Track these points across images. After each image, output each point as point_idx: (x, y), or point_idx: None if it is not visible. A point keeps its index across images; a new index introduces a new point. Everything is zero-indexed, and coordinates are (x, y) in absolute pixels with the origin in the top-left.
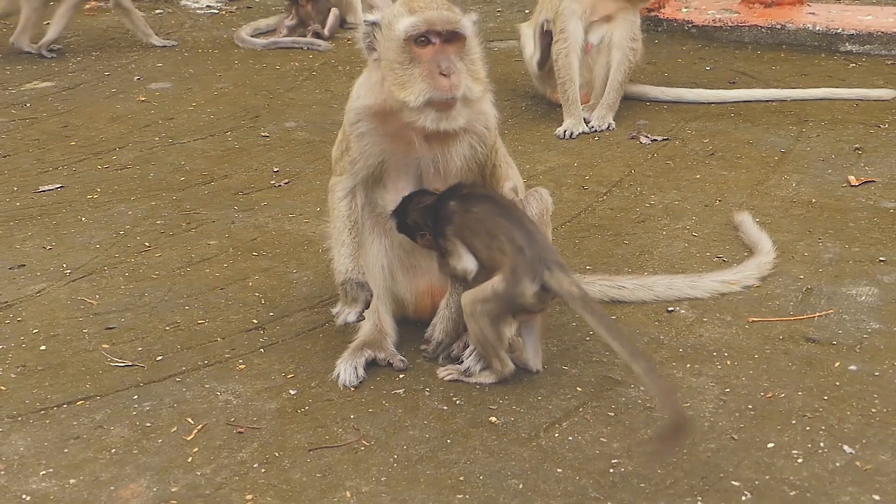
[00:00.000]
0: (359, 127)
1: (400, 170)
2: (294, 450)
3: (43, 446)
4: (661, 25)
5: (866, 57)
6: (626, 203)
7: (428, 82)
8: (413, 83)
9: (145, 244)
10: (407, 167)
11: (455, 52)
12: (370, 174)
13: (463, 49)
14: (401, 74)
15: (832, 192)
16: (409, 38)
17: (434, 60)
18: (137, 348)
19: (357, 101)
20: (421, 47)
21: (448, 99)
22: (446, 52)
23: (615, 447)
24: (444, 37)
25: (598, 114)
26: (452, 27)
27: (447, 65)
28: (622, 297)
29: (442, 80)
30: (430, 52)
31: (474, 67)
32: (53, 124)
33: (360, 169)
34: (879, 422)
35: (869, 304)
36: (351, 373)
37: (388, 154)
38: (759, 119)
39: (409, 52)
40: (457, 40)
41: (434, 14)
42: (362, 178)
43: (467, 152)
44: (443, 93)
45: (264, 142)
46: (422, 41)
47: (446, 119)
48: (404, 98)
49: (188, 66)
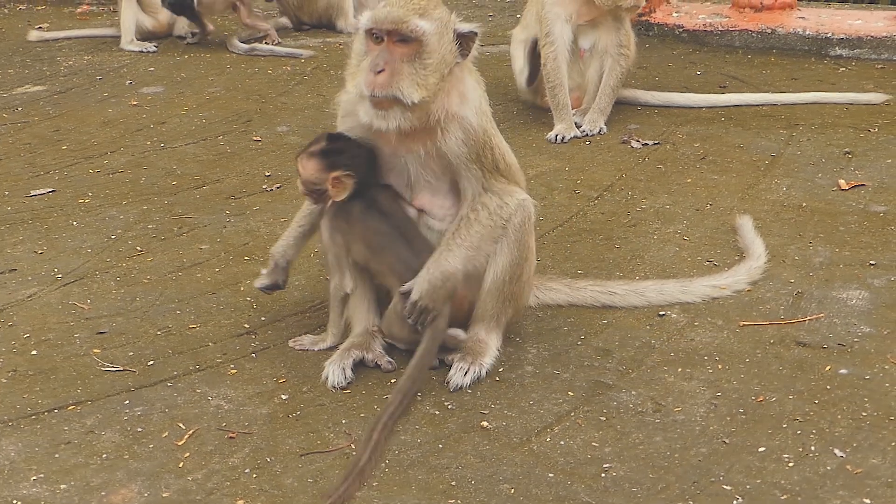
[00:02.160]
0: (347, 121)
1: (389, 166)
2: (286, 455)
3: (34, 451)
4: (651, 30)
5: (856, 61)
6: (617, 207)
7: (364, 76)
8: (358, 74)
9: (137, 248)
10: (394, 164)
11: (404, 54)
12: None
13: (416, 52)
14: (354, 65)
15: (822, 196)
16: (366, 31)
17: (376, 57)
18: (129, 353)
19: (346, 94)
20: (375, 43)
21: (374, 96)
22: (393, 51)
23: (607, 451)
24: (393, 35)
25: (590, 118)
26: (395, 27)
27: (381, 62)
28: (613, 302)
29: (370, 76)
30: (377, 49)
31: (423, 73)
32: (45, 128)
33: None
34: (870, 425)
35: (859, 308)
36: (339, 374)
37: (382, 150)
38: (750, 123)
39: (367, 46)
40: (410, 42)
41: (385, 11)
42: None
43: (450, 155)
44: (368, 88)
45: (256, 146)
46: (375, 37)
47: (381, 117)
48: (348, 86)
49: (180, 70)
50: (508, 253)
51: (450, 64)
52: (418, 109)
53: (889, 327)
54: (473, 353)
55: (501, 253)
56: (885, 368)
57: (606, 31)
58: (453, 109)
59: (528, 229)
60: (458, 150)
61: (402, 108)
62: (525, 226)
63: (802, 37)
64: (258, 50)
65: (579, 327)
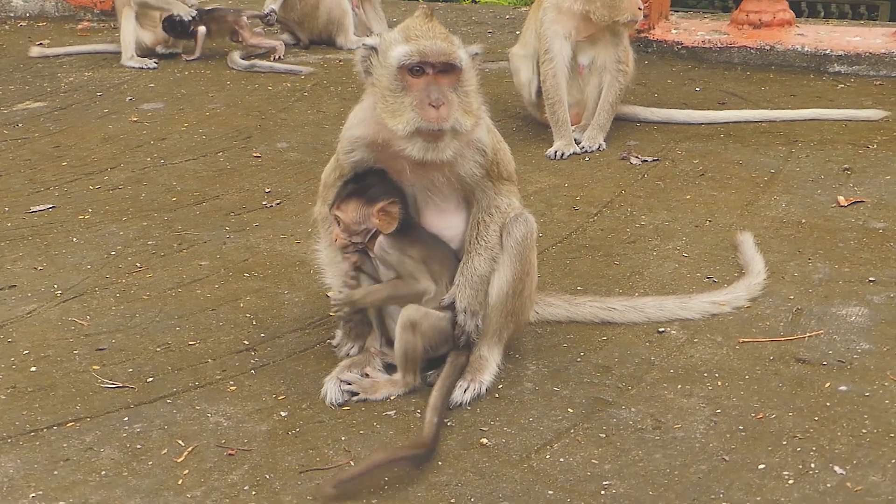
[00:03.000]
0: (354, 156)
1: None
2: (285, 472)
3: (33, 468)
4: (651, 46)
5: (855, 77)
6: (616, 224)
7: (417, 112)
8: (403, 112)
9: (136, 265)
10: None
11: (449, 84)
12: None
13: (457, 81)
14: (392, 102)
15: (822, 213)
16: (402, 66)
17: (425, 90)
18: (128, 370)
19: (351, 130)
20: (414, 76)
21: (435, 130)
22: (439, 83)
23: (606, 468)
24: (437, 68)
25: (589, 134)
26: (446, 59)
27: (437, 96)
28: (613, 318)
29: (430, 111)
30: (423, 82)
31: (467, 100)
32: (45, 144)
33: None
34: (870, 442)
35: (859, 325)
36: (337, 391)
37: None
38: (749, 140)
39: (402, 81)
40: (451, 72)
41: (429, 44)
42: None
43: (466, 177)
44: (430, 124)
45: (256, 162)
46: (416, 71)
47: (434, 150)
48: (393, 126)
49: (180, 86)
50: (511, 268)
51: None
52: (465, 136)
53: (889, 344)
54: (473, 370)
55: (504, 268)
56: (884, 385)
57: (605, 48)
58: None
59: (530, 244)
60: (474, 171)
61: (452, 138)
62: (527, 241)
63: (801, 53)
64: (258, 66)
65: (579, 344)
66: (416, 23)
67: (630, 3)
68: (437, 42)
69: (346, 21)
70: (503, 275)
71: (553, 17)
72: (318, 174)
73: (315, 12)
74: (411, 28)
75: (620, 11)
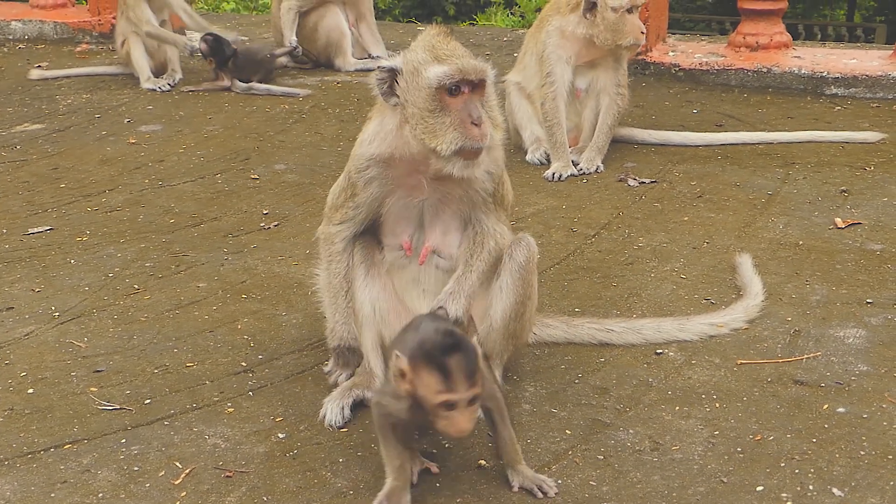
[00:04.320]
0: (368, 173)
1: (402, 212)
2: (282, 494)
3: (30, 490)
4: (648, 69)
5: (851, 100)
6: (614, 245)
7: (460, 131)
8: (444, 132)
9: (134, 287)
10: (409, 209)
11: (480, 100)
12: (370, 219)
13: (484, 96)
14: (431, 123)
15: (819, 235)
16: (441, 86)
17: (465, 109)
18: (125, 391)
19: (367, 147)
20: (452, 96)
21: (478, 148)
22: (474, 100)
23: (604, 490)
24: (472, 85)
25: (587, 156)
26: (483, 76)
27: (478, 114)
28: (611, 339)
29: (474, 129)
30: (461, 101)
31: (493, 114)
32: (43, 166)
33: (362, 215)
34: (868, 464)
35: (857, 346)
36: (337, 413)
37: (394, 197)
38: (746, 162)
39: (440, 101)
40: (481, 88)
41: (467, 63)
42: (363, 224)
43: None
44: (475, 142)
45: (254, 184)
46: (454, 90)
47: (472, 166)
48: (435, 146)
49: (178, 108)
50: (514, 291)
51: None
52: (492, 150)
53: (886, 366)
54: None
55: (507, 291)
56: (882, 407)
57: (605, 71)
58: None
59: (531, 268)
60: (486, 184)
61: (486, 153)
62: (529, 264)
63: (798, 76)
64: (255, 89)
65: (577, 366)
66: (439, 42)
67: (632, 27)
68: (471, 61)
69: (344, 43)
70: (506, 298)
71: (556, 42)
72: (317, 196)
73: (314, 35)
74: (437, 47)
75: (623, 35)
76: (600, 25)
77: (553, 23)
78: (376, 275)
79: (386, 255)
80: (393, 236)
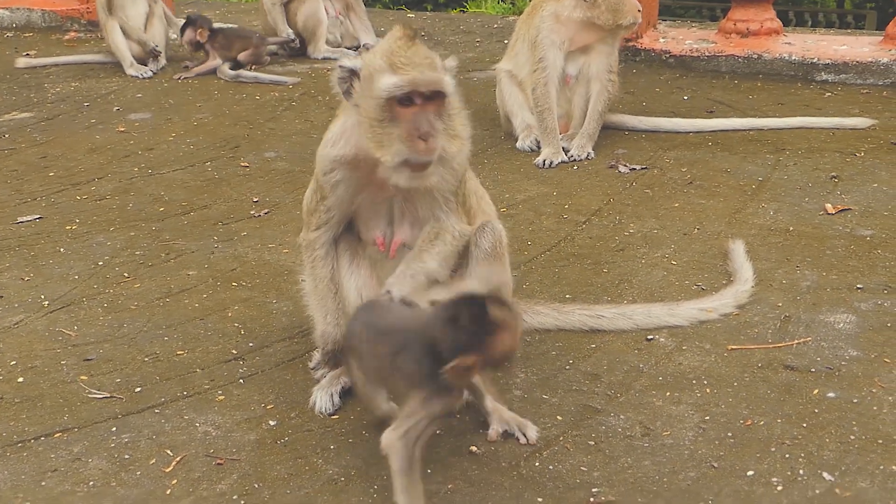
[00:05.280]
0: (333, 176)
1: (372, 209)
2: (274, 481)
3: (20, 479)
4: (639, 55)
5: (842, 86)
6: (605, 232)
7: (406, 144)
8: (391, 143)
9: (124, 275)
10: (378, 206)
11: (435, 111)
12: (345, 219)
13: (443, 107)
14: (379, 132)
15: (809, 220)
16: (391, 98)
17: (414, 122)
18: (116, 380)
19: (331, 149)
20: (402, 107)
21: (424, 162)
22: (427, 112)
23: (595, 476)
24: (426, 97)
25: (578, 143)
26: (436, 87)
27: (426, 129)
28: (601, 325)
29: (420, 143)
30: (411, 113)
31: (452, 124)
32: (32, 155)
33: (336, 217)
34: (858, 449)
35: (847, 332)
36: (327, 400)
37: (363, 197)
38: (737, 148)
39: (390, 111)
40: (438, 98)
41: (419, 75)
42: (340, 226)
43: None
44: (419, 156)
45: (244, 172)
46: (404, 101)
47: (419, 178)
48: (380, 156)
49: (168, 96)
50: (483, 278)
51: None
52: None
53: (876, 351)
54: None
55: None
56: (872, 392)
57: (597, 57)
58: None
59: (499, 253)
60: (446, 187)
61: (438, 164)
62: (496, 250)
63: (789, 62)
64: (243, 77)
65: (568, 352)
66: (399, 47)
67: (631, 5)
68: (426, 72)
69: (318, 31)
70: (476, 286)
71: (550, 26)
72: (306, 183)
73: (293, 20)
74: (395, 54)
75: (623, 15)
76: (602, 6)
77: (548, 8)
78: (360, 264)
79: (367, 249)
80: (367, 231)
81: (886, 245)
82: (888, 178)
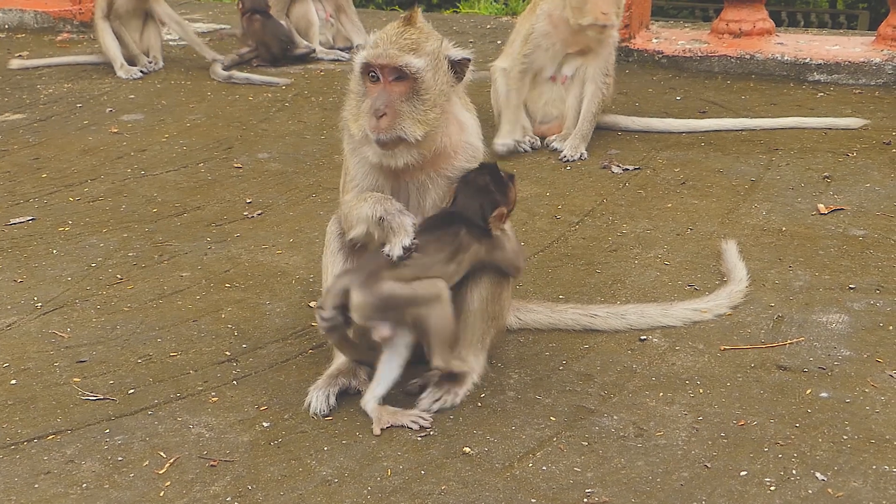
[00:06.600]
0: (357, 153)
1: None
2: (267, 482)
3: (13, 482)
4: (631, 56)
5: (834, 86)
6: (598, 232)
7: (366, 119)
8: (358, 117)
9: (117, 276)
10: (397, 192)
11: (402, 93)
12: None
13: (412, 89)
14: (353, 106)
15: (802, 220)
16: (361, 72)
17: (373, 98)
18: (109, 382)
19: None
20: (373, 83)
21: (379, 139)
22: (391, 91)
23: (589, 476)
24: (388, 74)
25: (571, 144)
26: (393, 64)
27: (380, 105)
28: (595, 325)
29: (372, 119)
30: (376, 89)
31: (422, 108)
32: (25, 156)
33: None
34: (851, 448)
35: (839, 332)
36: (322, 401)
37: (381, 178)
38: (730, 148)
39: (364, 85)
40: (404, 79)
41: (380, 51)
42: None
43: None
44: (372, 133)
45: (237, 173)
46: (372, 76)
47: (388, 156)
48: (352, 130)
49: (161, 97)
50: (489, 273)
51: (447, 94)
52: (423, 144)
53: (869, 351)
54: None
55: (483, 273)
56: (865, 392)
57: (594, 59)
58: (456, 136)
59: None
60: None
61: (407, 146)
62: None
63: (781, 62)
64: (235, 78)
65: (561, 352)
66: (390, 28)
67: (593, 6)
68: (389, 49)
69: (311, 32)
70: (482, 280)
71: (543, 28)
72: (300, 184)
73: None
74: (381, 33)
75: (583, 14)
76: (568, 7)
77: (543, 7)
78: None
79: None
80: None
81: (879, 245)
82: (880, 178)
